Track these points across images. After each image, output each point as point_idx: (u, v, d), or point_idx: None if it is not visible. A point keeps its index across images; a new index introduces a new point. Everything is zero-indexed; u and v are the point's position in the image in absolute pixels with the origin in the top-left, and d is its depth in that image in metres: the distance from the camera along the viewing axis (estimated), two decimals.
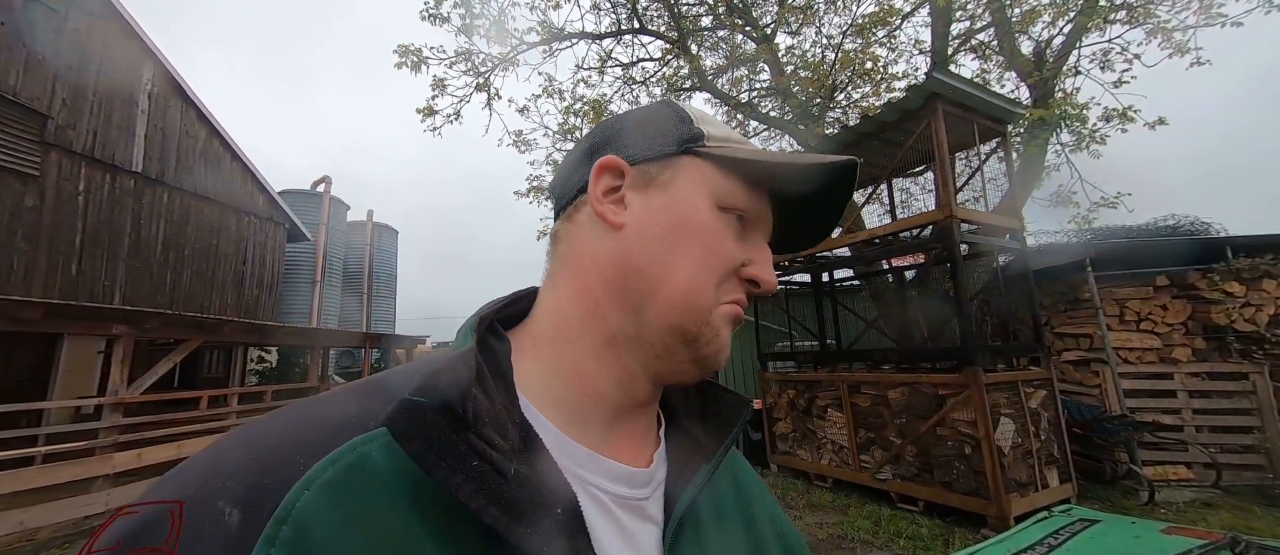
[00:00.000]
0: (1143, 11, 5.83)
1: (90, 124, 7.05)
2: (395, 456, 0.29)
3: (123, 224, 7.43)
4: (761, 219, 0.42)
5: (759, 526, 0.46)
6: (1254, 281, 5.02)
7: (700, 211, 0.39)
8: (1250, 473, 4.66)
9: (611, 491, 0.36)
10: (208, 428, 6.10)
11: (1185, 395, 4.96)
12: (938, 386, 4.32)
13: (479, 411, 0.31)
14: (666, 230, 0.39)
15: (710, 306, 0.38)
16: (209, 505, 0.26)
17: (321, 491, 0.27)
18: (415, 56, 6.35)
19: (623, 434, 0.40)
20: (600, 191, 0.41)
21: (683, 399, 0.47)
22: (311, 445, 0.29)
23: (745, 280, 0.40)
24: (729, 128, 0.45)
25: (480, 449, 0.29)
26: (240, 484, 0.27)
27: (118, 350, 5.17)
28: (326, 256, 13.46)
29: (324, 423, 0.31)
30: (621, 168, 0.41)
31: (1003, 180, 5.54)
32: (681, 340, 0.37)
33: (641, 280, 0.38)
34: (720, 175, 0.40)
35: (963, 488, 4.05)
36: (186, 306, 8.17)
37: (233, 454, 0.29)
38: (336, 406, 0.32)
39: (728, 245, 0.39)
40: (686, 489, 0.38)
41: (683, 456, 0.41)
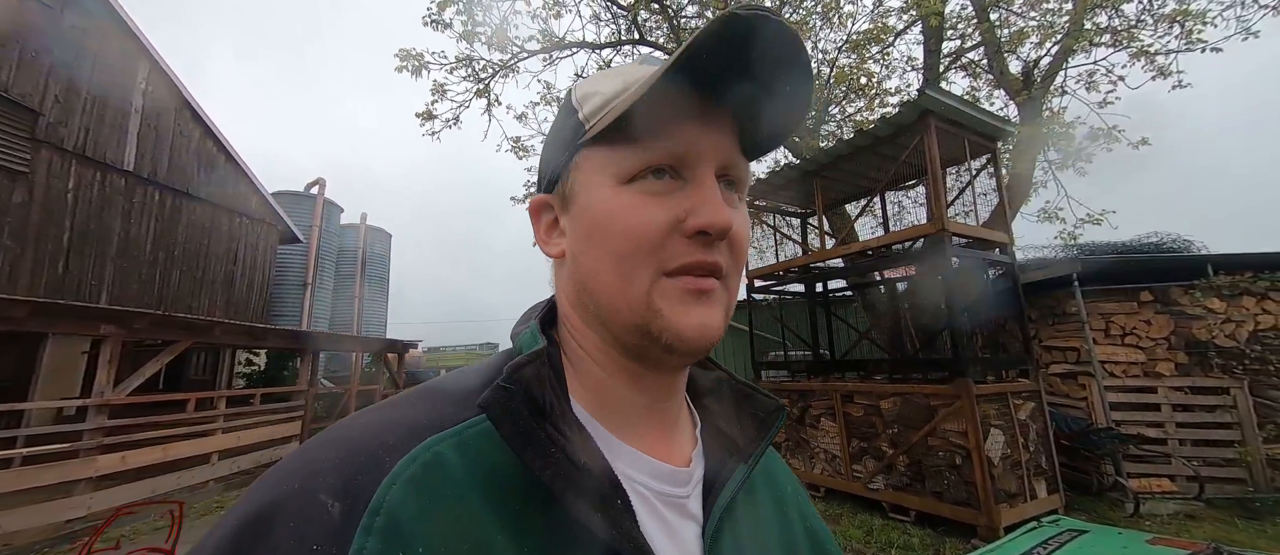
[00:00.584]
0: (1126, 36, 6.02)
1: (82, 122, 6.98)
2: (464, 453, 0.33)
3: (112, 223, 7.34)
4: (688, 155, 0.36)
5: (792, 525, 0.48)
6: (1234, 298, 5.16)
7: (602, 201, 0.37)
8: (1231, 485, 4.76)
9: (655, 489, 0.38)
10: (194, 431, 6.00)
11: (1169, 408, 5.07)
12: (929, 397, 4.37)
13: (552, 405, 0.34)
14: (585, 240, 0.38)
15: (645, 292, 0.36)
16: (313, 498, 0.29)
17: (407, 486, 0.30)
18: (416, 61, 6.39)
19: (658, 430, 0.41)
20: (542, 232, 0.43)
21: (718, 400, 0.48)
22: (393, 446, 0.32)
23: (692, 235, 0.36)
24: (625, 74, 0.39)
25: (557, 439, 0.33)
26: (338, 479, 0.30)
27: (105, 351, 5.09)
28: (319, 259, 13.35)
29: (401, 425, 0.34)
30: (546, 202, 0.43)
31: (992, 195, 5.66)
32: (641, 336, 0.37)
33: (588, 296, 0.39)
34: (610, 150, 0.37)
35: (953, 498, 4.09)
36: (175, 307, 8.06)
37: (326, 454, 0.32)
38: (409, 411, 0.35)
39: (642, 215, 0.36)
40: (725, 488, 0.40)
41: (720, 456, 0.43)
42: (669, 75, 0.33)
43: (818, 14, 7.17)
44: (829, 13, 7.08)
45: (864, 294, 7.02)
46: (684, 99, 0.35)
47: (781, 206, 7.27)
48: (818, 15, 7.18)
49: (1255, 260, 5.28)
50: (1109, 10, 6.02)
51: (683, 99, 0.35)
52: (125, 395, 5.21)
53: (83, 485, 4.69)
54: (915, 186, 7.24)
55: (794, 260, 6.35)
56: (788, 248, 7.54)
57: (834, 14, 7.08)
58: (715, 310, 0.37)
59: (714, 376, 0.49)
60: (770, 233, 7.57)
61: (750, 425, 0.46)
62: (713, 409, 0.47)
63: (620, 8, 7.13)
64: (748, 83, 0.36)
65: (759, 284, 6.66)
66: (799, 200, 6.84)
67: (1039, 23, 6.46)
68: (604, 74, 0.41)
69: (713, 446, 0.43)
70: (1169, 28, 5.90)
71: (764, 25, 0.32)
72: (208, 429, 6.20)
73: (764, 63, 0.34)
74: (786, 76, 0.36)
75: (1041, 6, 6.53)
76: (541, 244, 0.43)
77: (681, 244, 0.36)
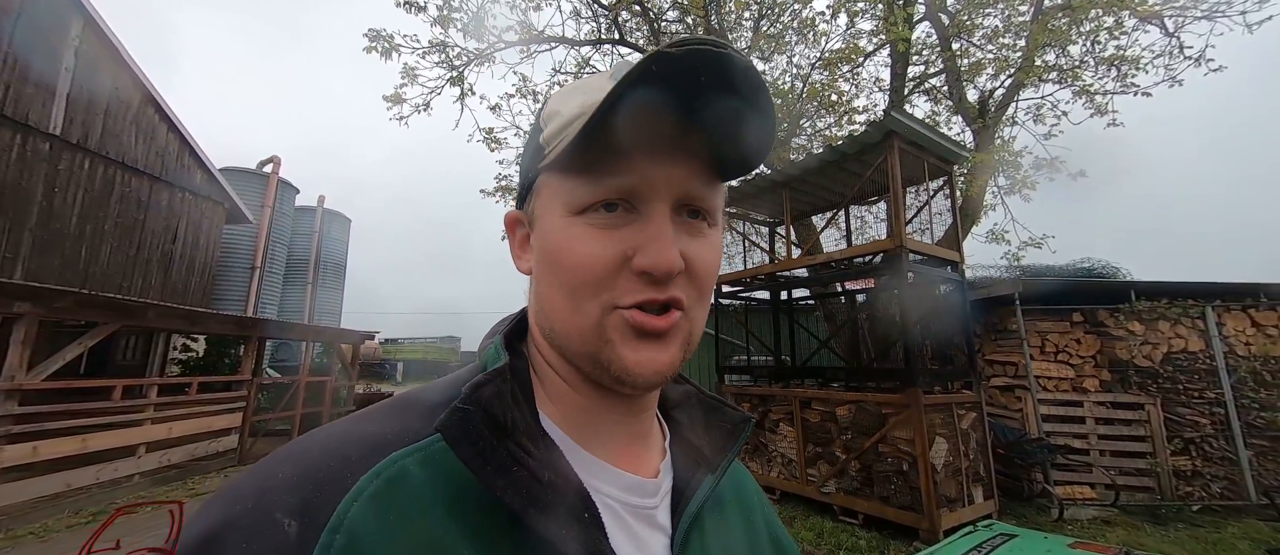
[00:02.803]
0: (1071, 74, 6.50)
1: (3, 78, 6.33)
2: (429, 469, 0.32)
3: (32, 190, 6.69)
4: (639, 188, 0.35)
5: (757, 534, 0.48)
6: (1151, 322, 5.65)
7: (555, 232, 0.37)
8: (1142, 494, 5.21)
9: (624, 500, 0.38)
10: (118, 421, 5.55)
11: (1092, 421, 5.50)
12: (882, 405, 4.57)
13: (515, 422, 0.34)
14: (542, 266, 0.39)
15: (594, 325, 0.35)
16: (268, 517, 0.28)
17: (368, 503, 0.29)
18: (386, 42, 6.14)
19: (625, 444, 0.41)
20: (516, 246, 0.43)
21: (686, 413, 0.48)
22: (355, 461, 0.31)
23: (639, 273, 0.34)
24: (588, 91, 0.36)
25: (519, 456, 0.32)
26: (294, 497, 0.29)
27: (18, 331, 4.63)
28: (269, 242, 12.61)
29: (364, 440, 0.33)
30: (518, 217, 0.43)
31: (947, 215, 5.98)
32: (593, 364, 0.36)
33: (545, 318, 0.39)
34: (564, 179, 0.36)
35: (899, 502, 4.30)
36: (103, 286, 7.42)
37: (283, 470, 0.31)
38: (373, 424, 0.35)
39: (586, 250, 0.35)
40: (692, 499, 0.40)
41: (688, 466, 0.43)
42: (608, 109, 0.31)
43: (794, 30, 7.37)
44: (805, 30, 7.29)
45: (826, 304, 7.27)
46: (636, 129, 0.33)
47: (751, 214, 7.42)
48: (794, 32, 7.38)
49: (1171, 288, 5.80)
50: (1057, 49, 6.48)
51: (634, 129, 0.32)
52: (40, 380, 4.76)
53: None
54: (877, 203, 7.56)
55: (761, 267, 6.50)
56: (755, 255, 7.71)
57: (809, 32, 7.29)
58: (668, 347, 0.36)
59: (682, 389, 0.50)
60: (739, 240, 7.72)
61: (718, 437, 0.46)
62: (681, 421, 0.47)
63: (601, 6, 7.10)
64: (706, 109, 0.34)
65: (727, 289, 6.78)
66: (768, 209, 7.01)
67: (995, 55, 6.88)
68: (569, 90, 0.39)
69: (681, 458, 0.44)
70: (1108, 70, 6.41)
71: (703, 56, 0.30)
72: (135, 419, 5.74)
73: (710, 91, 0.33)
74: (738, 104, 0.34)
75: (998, 41, 6.96)
76: (515, 259, 0.43)
77: (631, 280, 0.35)
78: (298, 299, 14.32)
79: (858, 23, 7.02)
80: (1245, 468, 5.11)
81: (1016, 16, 6.80)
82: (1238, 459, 5.16)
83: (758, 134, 0.36)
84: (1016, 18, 6.80)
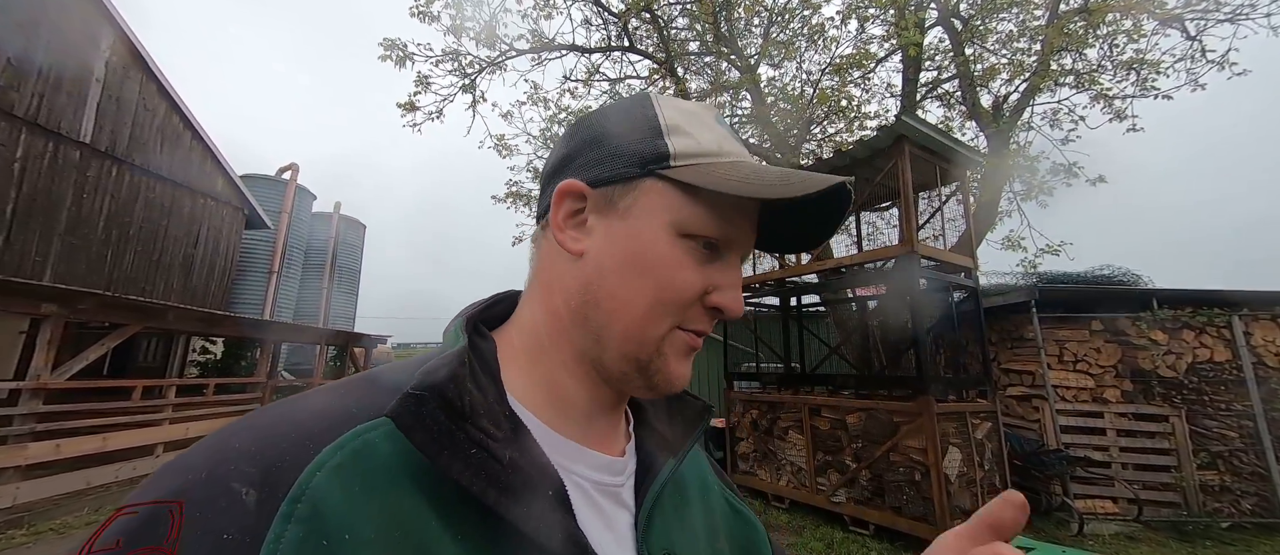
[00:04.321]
0: (1088, 79, 6.38)
1: (37, 88, 6.60)
2: (397, 443, 0.31)
3: (62, 196, 6.93)
4: (734, 240, 0.40)
5: (713, 511, 0.50)
6: (1175, 332, 5.48)
7: (658, 243, 0.38)
8: (1167, 509, 5.03)
9: (592, 479, 0.39)
10: (138, 421, 5.68)
11: (1113, 433, 5.33)
12: (893, 413, 4.49)
13: (474, 404, 0.33)
14: (622, 263, 0.38)
15: (661, 338, 0.38)
16: (223, 485, 0.27)
17: (332, 474, 0.28)
18: (400, 51, 6.27)
19: (598, 428, 0.43)
20: (561, 218, 0.41)
21: (651, 401, 0.50)
22: (317, 433, 0.30)
23: (710, 308, 0.39)
24: (714, 127, 0.42)
25: (477, 438, 0.32)
26: (253, 466, 0.28)
27: (45, 331, 4.78)
28: (287, 246, 12.88)
29: (327, 413, 0.32)
30: (582, 191, 0.40)
31: (960, 221, 5.89)
32: (635, 368, 0.39)
33: (599, 312, 0.39)
34: (685, 201, 0.38)
35: (912, 513, 4.20)
36: (127, 289, 7.64)
37: (241, 438, 0.30)
38: (336, 398, 0.34)
39: (686, 276, 0.38)
40: (656, 478, 0.42)
41: (652, 449, 0.45)
42: (776, 198, 0.36)
43: (804, 36, 7.36)
44: (814, 36, 7.28)
45: (836, 310, 7.18)
46: (750, 203, 0.40)
47: None
48: (804, 38, 7.37)
49: (1195, 296, 5.62)
50: (1073, 53, 6.38)
51: (750, 203, 0.40)
52: (65, 380, 4.90)
53: (10, 474, 4.38)
54: (888, 208, 7.47)
55: (770, 273, 6.46)
56: (764, 261, 7.66)
57: (819, 38, 7.28)
58: (691, 363, 0.42)
59: None
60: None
61: (680, 424, 0.49)
62: (646, 408, 0.49)
63: (611, 15, 7.18)
64: (804, 220, 0.43)
65: None
66: None
67: (1010, 60, 6.78)
68: (689, 113, 0.42)
69: (645, 441, 0.45)
70: (1126, 74, 6.29)
71: (842, 193, 0.39)
72: (154, 419, 5.88)
73: (821, 214, 0.42)
74: (828, 226, 0.44)
75: (1012, 45, 6.86)
76: (558, 230, 0.41)
77: (699, 311, 0.39)
78: (313, 303, 14.57)
79: (868, 28, 7.00)
80: (1277, 483, 4.91)
81: (1032, 21, 6.71)
82: (1269, 474, 4.96)
83: (807, 246, 0.48)
84: (1032, 22, 6.71)
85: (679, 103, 0.43)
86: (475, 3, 6.49)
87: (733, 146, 0.42)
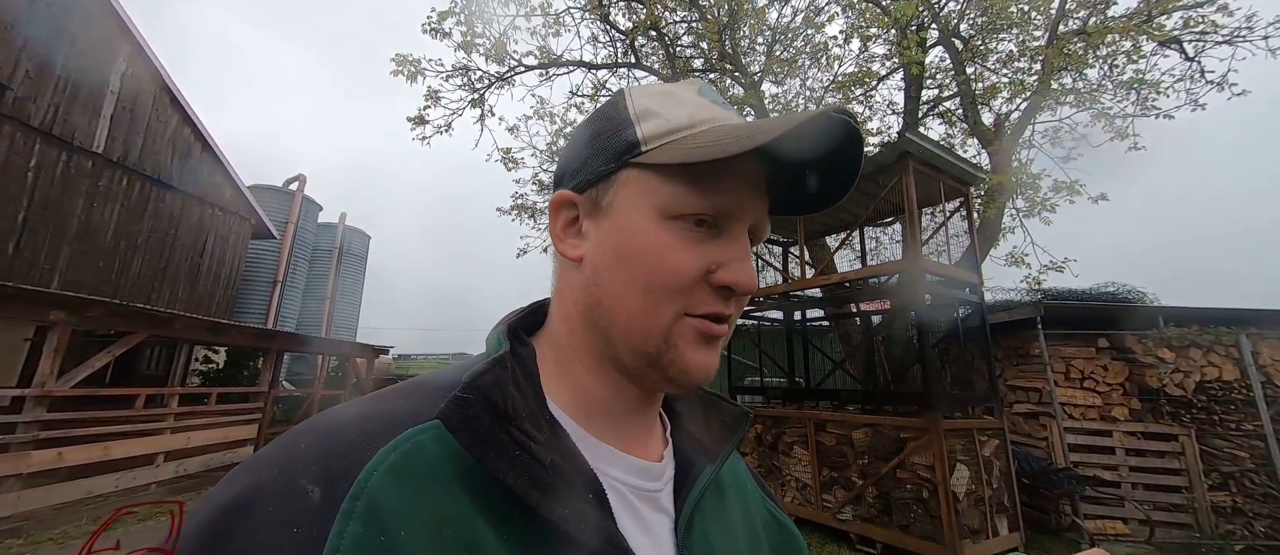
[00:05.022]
0: (1089, 97, 6.46)
1: (53, 99, 6.73)
2: (445, 445, 0.33)
3: (73, 205, 7.02)
4: (731, 211, 0.38)
5: (754, 519, 0.50)
6: (1182, 350, 5.45)
7: (642, 231, 0.37)
8: (1179, 530, 4.95)
9: (630, 484, 0.39)
10: (141, 429, 5.66)
11: (1123, 452, 5.27)
12: (899, 429, 4.46)
13: (516, 407, 0.35)
14: (613, 258, 0.38)
15: (666, 328, 0.37)
16: (292, 483, 0.30)
17: (387, 473, 0.30)
18: (412, 66, 6.39)
19: (634, 432, 0.43)
20: (559, 229, 0.42)
21: (687, 406, 0.50)
22: (373, 435, 0.32)
23: (718, 287, 0.37)
24: (690, 101, 0.40)
25: (520, 440, 0.33)
26: (317, 466, 0.30)
27: (51, 338, 4.80)
28: (292, 256, 12.96)
29: (381, 416, 0.34)
30: (572, 200, 0.41)
31: (964, 237, 5.91)
32: (647, 363, 0.38)
33: (600, 311, 0.39)
34: (663, 183, 0.37)
35: (919, 531, 4.14)
36: (133, 297, 7.68)
37: (305, 441, 0.32)
38: (389, 403, 0.36)
39: (678, 258, 0.37)
40: (695, 484, 0.42)
41: (690, 455, 0.45)
42: (760, 148, 0.33)
43: (807, 54, 7.48)
44: (818, 55, 7.40)
45: (840, 325, 7.16)
46: (747, 164, 0.37)
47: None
48: (807, 56, 7.49)
49: (1201, 314, 5.61)
50: (1074, 73, 6.46)
51: (744, 161, 0.36)
52: (69, 387, 4.90)
53: (11, 482, 4.36)
54: (892, 224, 7.50)
55: (774, 287, 6.47)
56: (768, 275, 7.67)
57: (822, 56, 7.40)
58: (717, 352, 0.39)
59: None
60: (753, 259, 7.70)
61: (717, 429, 0.49)
62: (682, 413, 0.49)
63: (618, 32, 7.31)
64: (809, 168, 0.39)
65: None
66: (782, 229, 7.00)
67: (1011, 79, 6.87)
68: (663, 94, 0.41)
69: (683, 447, 0.45)
70: (1127, 93, 6.36)
71: (844, 128, 0.35)
72: (156, 428, 5.86)
73: (829, 156, 0.37)
74: (842, 171, 0.39)
75: (1013, 65, 6.96)
76: (558, 241, 0.42)
77: (706, 292, 0.37)
78: (316, 313, 14.59)
79: (871, 47, 7.11)
80: None
81: (1032, 41, 6.82)
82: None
83: (830, 200, 0.42)
84: (1032, 42, 6.82)
85: (654, 87, 0.43)
86: (485, 20, 6.63)
87: (710, 114, 0.39)
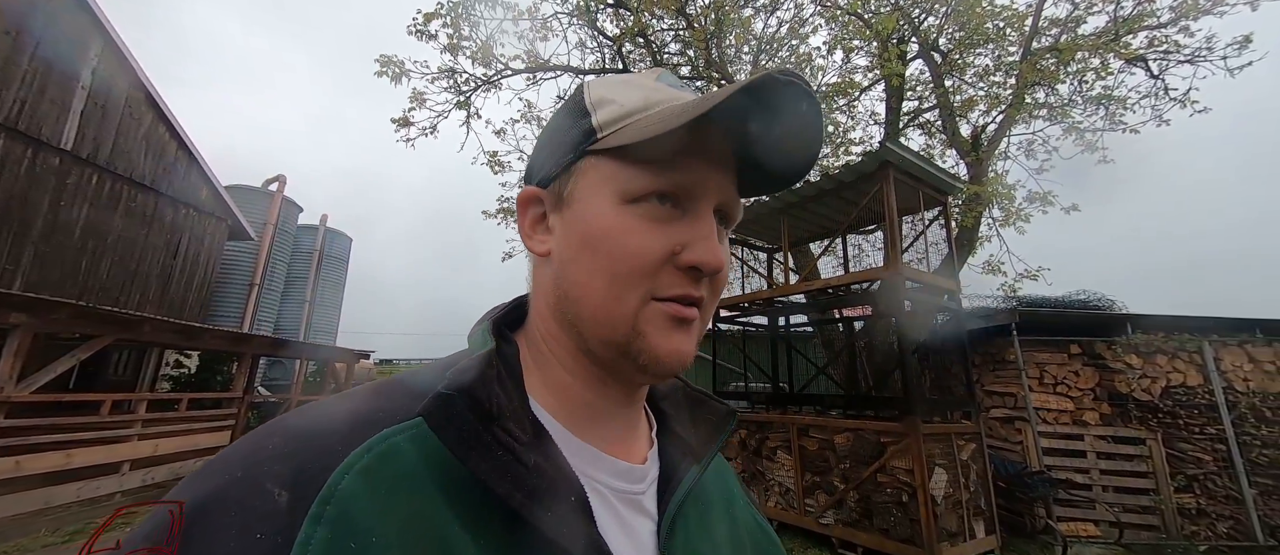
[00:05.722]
0: (1060, 112, 6.69)
1: (19, 94, 6.49)
2: (422, 446, 0.32)
3: (39, 203, 6.76)
4: (693, 189, 0.37)
5: (738, 524, 0.49)
6: (1149, 356, 5.64)
7: (602, 215, 0.37)
8: (1147, 532, 5.10)
9: (613, 486, 0.39)
10: (106, 436, 5.45)
11: (1094, 456, 5.42)
12: (880, 434, 4.52)
13: (501, 406, 0.34)
14: (576, 248, 0.38)
15: (632, 314, 0.36)
16: (257, 486, 0.28)
17: (360, 475, 0.29)
18: (397, 68, 6.33)
19: (617, 432, 0.42)
20: (527, 226, 0.42)
21: (673, 405, 0.49)
22: (347, 436, 0.31)
23: (686, 268, 0.36)
24: (647, 86, 0.40)
25: (503, 440, 0.32)
26: (285, 468, 0.29)
27: (12, 342, 4.60)
28: (270, 259, 12.66)
29: (355, 416, 0.33)
30: (537, 196, 0.42)
31: (943, 245, 6.05)
32: (618, 353, 0.37)
33: (569, 304, 0.38)
34: (620, 167, 0.37)
35: (899, 535, 4.20)
36: (101, 299, 7.41)
37: (273, 442, 0.31)
38: (364, 403, 0.35)
39: (639, 240, 0.36)
40: (679, 487, 0.41)
41: (675, 456, 0.44)
42: (698, 119, 0.33)
43: (791, 64, 7.61)
44: (802, 65, 7.54)
45: (823, 330, 7.26)
46: (702, 137, 0.36)
47: (749, 240, 7.50)
48: (791, 65, 7.62)
49: (1167, 322, 5.81)
50: (1046, 88, 6.70)
51: (701, 137, 0.35)
52: (30, 393, 4.70)
53: None
54: (874, 231, 7.64)
55: (759, 293, 6.53)
56: (753, 281, 7.74)
57: (807, 66, 7.54)
58: (691, 338, 0.38)
59: (671, 383, 0.50)
60: (738, 265, 7.77)
61: (703, 429, 0.47)
62: (668, 413, 0.48)
63: (606, 37, 7.35)
64: (766, 136, 0.37)
65: (724, 314, 6.78)
66: (766, 235, 7.09)
67: (987, 93, 7.09)
68: (620, 82, 0.41)
69: (667, 448, 0.45)
70: (1096, 108, 6.61)
71: (792, 89, 0.34)
72: (122, 435, 5.64)
73: (784, 122, 0.36)
74: (801, 137, 0.38)
75: (989, 79, 7.18)
76: (526, 238, 0.42)
77: (673, 274, 0.37)
78: (294, 317, 14.25)
79: (853, 59, 7.27)
80: (1251, 507, 5.02)
81: (1007, 56, 7.05)
82: (1242, 498, 5.07)
83: (798, 169, 0.41)
84: (1006, 57, 7.05)
85: (613, 77, 0.42)
86: (472, 23, 6.60)
87: (665, 95, 0.39)
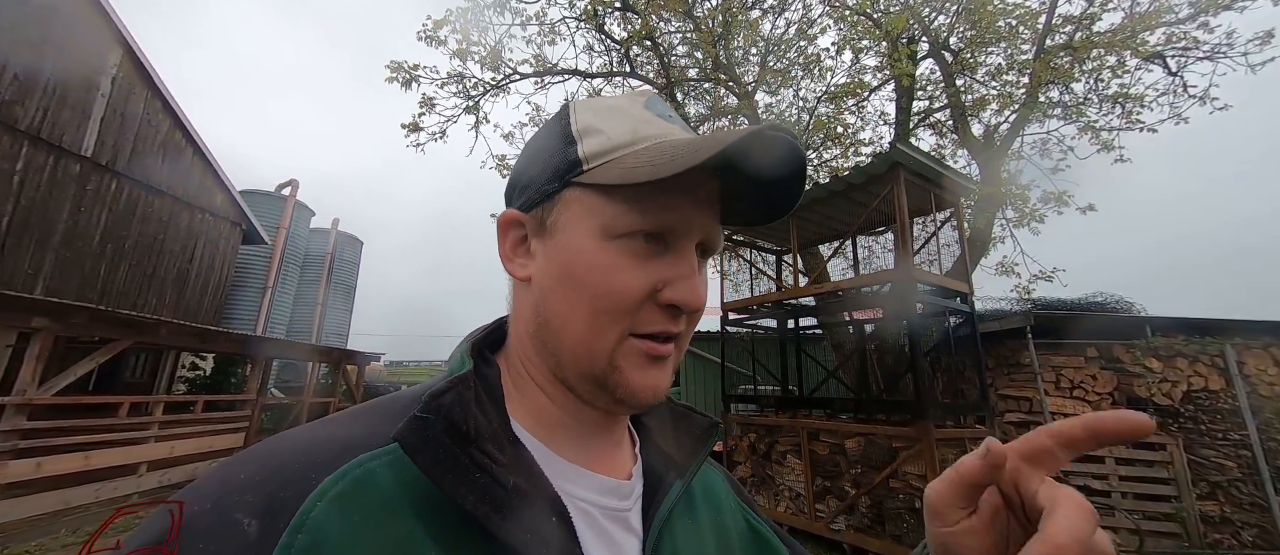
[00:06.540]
0: (1075, 111, 6.58)
1: (41, 102, 6.65)
2: (398, 471, 0.32)
3: (59, 210, 6.92)
4: (676, 228, 0.37)
5: (728, 533, 0.48)
6: (1169, 359, 5.51)
7: (586, 252, 0.37)
8: (1169, 540, 4.97)
9: (599, 504, 0.38)
10: (123, 438, 5.55)
11: (1112, 462, 5.30)
12: (892, 438, 4.46)
13: (479, 428, 0.33)
14: (558, 279, 0.38)
15: (610, 349, 0.36)
16: (227, 516, 0.28)
17: (332, 503, 0.29)
18: (407, 73, 6.39)
19: (600, 449, 0.42)
20: (508, 248, 0.42)
21: (656, 420, 0.49)
22: (320, 463, 0.31)
23: (666, 306, 0.37)
24: (633, 115, 0.39)
25: (481, 462, 0.32)
26: (256, 497, 0.29)
27: (33, 345, 4.71)
28: (283, 263, 12.84)
29: (331, 442, 0.33)
30: (519, 219, 0.41)
31: (955, 247, 5.97)
32: (595, 385, 0.37)
33: (549, 332, 0.38)
34: (605, 202, 0.37)
35: (913, 541, 4.14)
36: (119, 303, 7.56)
37: (247, 470, 0.30)
38: (341, 428, 0.35)
39: (623, 279, 0.36)
40: (664, 502, 0.41)
41: (659, 470, 0.43)
42: (692, 171, 0.33)
43: (799, 65, 7.57)
44: (810, 66, 7.49)
45: (833, 333, 7.19)
46: (690, 181, 0.36)
47: (758, 242, 7.46)
48: (799, 67, 7.58)
49: (1187, 324, 5.68)
50: (1060, 86, 6.58)
51: (689, 181, 0.35)
52: (50, 395, 4.80)
53: None
54: (884, 233, 7.57)
55: (767, 295, 6.49)
56: (762, 283, 7.70)
57: (815, 67, 7.49)
58: (666, 372, 0.39)
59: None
60: (746, 267, 7.73)
61: (687, 442, 0.47)
62: (651, 427, 0.48)
63: (614, 42, 7.37)
64: (754, 184, 0.38)
65: (733, 317, 6.75)
66: (775, 238, 7.04)
67: (999, 92, 6.99)
68: (608, 108, 0.40)
69: (651, 463, 0.44)
70: (1112, 107, 6.48)
71: (783, 144, 0.35)
72: (139, 437, 5.74)
73: (773, 171, 0.37)
74: (787, 185, 0.39)
75: (1001, 78, 7.08)
76: (506, 261, 0.42)
77: (653, 311, 0.37)
78: (306, 319, 14.45)
79: (862, 59, 7.21)
80: (1277, 514, 4.88)
81: (1019, 55, 6.95)
82: (1268, 505, 4.93)
83: (778, 213, 0.42)
84: (1019, 56, 6.95)
85: (599, 101, 0.42)
86: (481, 28, 6.66)
87: (654, 130, 0.39)
